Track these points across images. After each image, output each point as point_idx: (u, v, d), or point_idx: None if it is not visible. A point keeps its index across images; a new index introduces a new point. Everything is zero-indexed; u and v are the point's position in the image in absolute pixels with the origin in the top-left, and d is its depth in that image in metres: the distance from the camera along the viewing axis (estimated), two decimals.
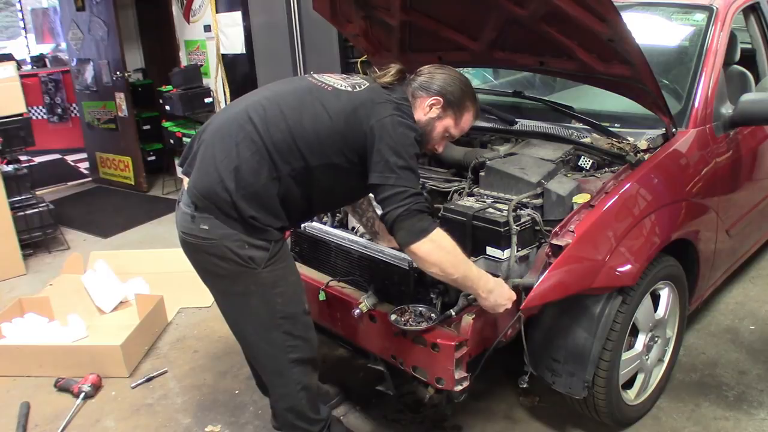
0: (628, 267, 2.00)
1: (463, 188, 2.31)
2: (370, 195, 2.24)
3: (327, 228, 2.36)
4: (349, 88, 1.83)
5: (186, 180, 1.86)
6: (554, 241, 1.91)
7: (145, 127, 6.04)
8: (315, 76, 1.92)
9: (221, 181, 1.72)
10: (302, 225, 2.40)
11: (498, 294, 1.82)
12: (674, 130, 2.30)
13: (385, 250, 2.11)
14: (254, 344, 1.94)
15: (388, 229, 1.74)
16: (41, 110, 7.47)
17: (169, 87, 5.41)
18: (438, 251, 1.71)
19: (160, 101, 5.49)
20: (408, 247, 1.71)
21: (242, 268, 1.77)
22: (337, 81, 1.87)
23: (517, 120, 2.63)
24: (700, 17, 2.69)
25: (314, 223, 2.39)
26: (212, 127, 1.83)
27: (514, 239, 1.93)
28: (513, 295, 1.85)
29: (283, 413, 2.05)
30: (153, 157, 6.01)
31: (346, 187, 1.87)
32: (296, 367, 1.94)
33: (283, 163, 1.74)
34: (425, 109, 1.88)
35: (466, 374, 1.86)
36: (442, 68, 1.95)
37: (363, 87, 1.84)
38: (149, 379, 2.83)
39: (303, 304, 1.92)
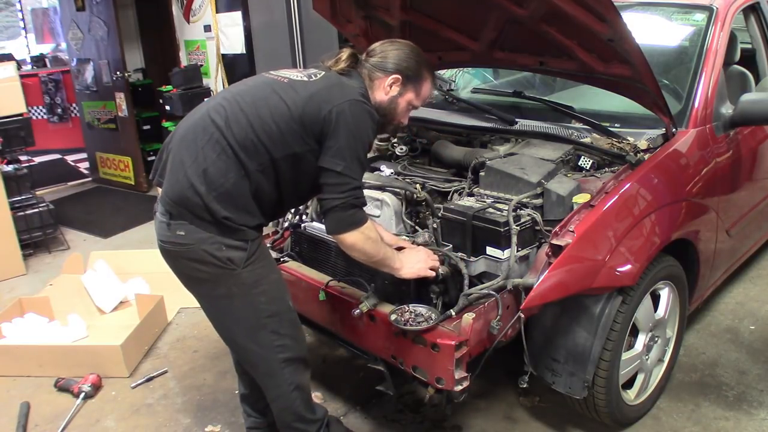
0: (628, 267, 2.00)
1: (463, 188, 2.31)
2: None
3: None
4: (305, 78, 1.85)
5: (158, 190, 1.88)
6: (554, 241, 1.91)
7: (145, 127, 6.03)
8: (271, 72, 1.94)
9: (191, 186, 1.74)
10: (302, 225, 2.40)
11: (410, 258, 1.94)
12: (674, 130, 2.30)
13: None
14: (243, 346, 1.94)
15: (321, 212, 1.82)
16: (41, 110, 7.46)
17: (169, 87, 5.41)
18: (364, 241, 1.81)
19: (160, 101, 5.48)
20: (335, 236, 1.81)
21: (222, 270, 1.78)
22: (292, 73, 1.89)
23: (517, 120, 2.63)
24: (700, 17, 2.69)
25: (314, 223, 2.39)
26: (177, 136, 1.85)
27: (514, 239, 1.93)
28: (429, 253, 1.98)
29: (279, 415, 2.05)
30: (153, 157, 5.97)
31: (312, 175, 1.86)
32: (287, 367, 1.94)
33: (249, 160, 1.76)
34: (386, 89, 1.91)
35: (466, 374, 1.86)
36: (393, 44, 1.96)
37: (319, 76, 1.86)
38: (149, 379, 2.83)
39: (287, 301, 1.94)
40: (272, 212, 1.92)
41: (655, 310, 2.29)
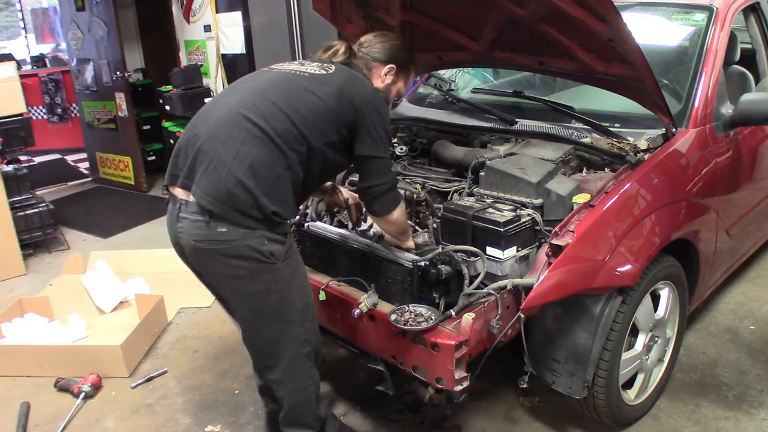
0: (628, 267, 2.00)
1: (463, 188, 2.31)
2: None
3: (330, 227, 2.36)
4: (323, 71, 1.93)
5: (180, 192, 1.82)
6: (554, 241, 1.91)
7: (145, 127, 6.05)
8: (278, 66, 2.01)
9: (238, 183, 1.72)
10: (305, 224, 2.40)
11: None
12: (674, 130, 2.30)
13: (390, 248, 2.12)
14: (274, 342, 1.94)
15: (368, 198, 1.94)
16: (41, 110, 7.46)
17: (169, 87, 5.41)
18: (401, 213, 1.99)
19: (160, 101, 5.49)
20: (386, 216, 1.95)
21: (263, 265, 1.79)
22: (305, 67, 1.96)
23: (517, 120, 2.63)
24: (700, 17, 2.69)
25: (318, 222, 2.39)
26: (205, 135, 1.80)
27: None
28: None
29: (291, 409, 2.06)
30: (153, 157, 6.02)
31: (338, 161, 1.96)
32: (308, 362, 1.98)
33: (290, 151, 1.79)
34: (383, 77, 2.06)
35: (466, 374, 1.86)
36: (385, 36, 2.11)
37: (333, 68, 1.95)
38: (149, 379, 2.83)
39: (311, 294, 1.99)
40: (298, 204, 1.97)
41: (655, 310, 2.28)
